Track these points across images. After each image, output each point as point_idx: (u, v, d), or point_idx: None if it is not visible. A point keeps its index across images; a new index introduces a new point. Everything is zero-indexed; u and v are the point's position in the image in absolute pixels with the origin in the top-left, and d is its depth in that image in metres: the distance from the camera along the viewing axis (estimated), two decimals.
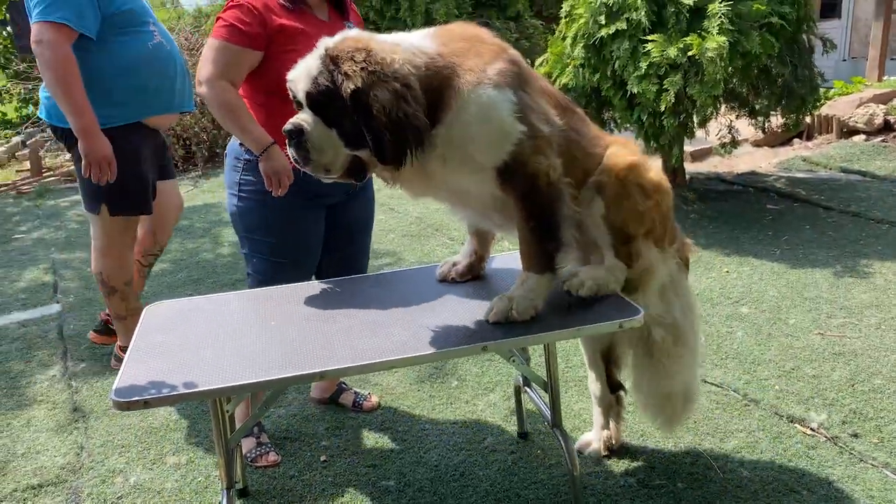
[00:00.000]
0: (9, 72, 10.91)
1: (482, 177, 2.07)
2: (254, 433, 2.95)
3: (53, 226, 6.45)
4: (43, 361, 3.91)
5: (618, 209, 2.23)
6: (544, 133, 2.06)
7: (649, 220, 2.28)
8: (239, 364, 2.04)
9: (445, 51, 2.00)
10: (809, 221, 5.28)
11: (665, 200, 2.33)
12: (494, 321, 2.14)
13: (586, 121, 2.34)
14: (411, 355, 2.08)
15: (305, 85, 1.93)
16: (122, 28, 3.20)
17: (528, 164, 2.04)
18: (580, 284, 2.23)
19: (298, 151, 1.97)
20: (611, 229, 2.25)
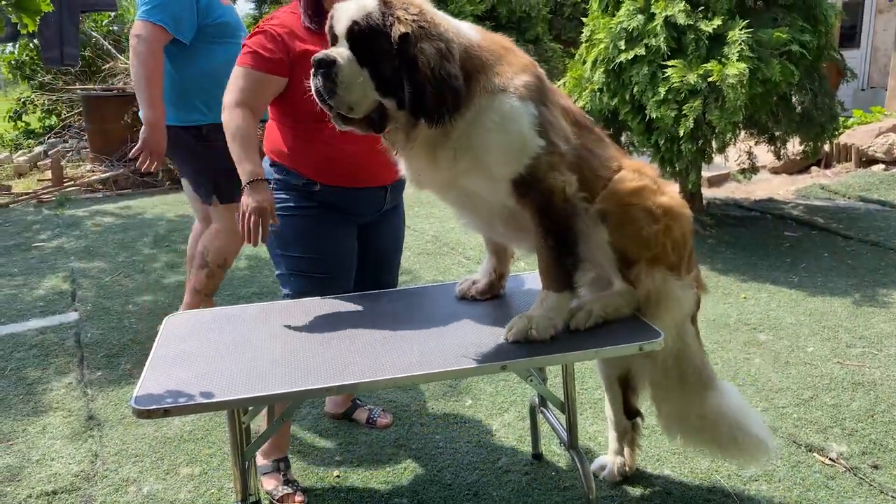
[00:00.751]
0: (33, 83, 11.08)
1: (496, 186, 2.08)
2: (280, 469, 2.81)
3: (73, 235, 6.52)
4: (59, 369, 3.94)
5: (621, 234, 2.20)
6: (561, 150, 2.08)
7: (656, 245, 2.23)
8: (257, 376, 2.04)
9: (484, 45, 2.04)
10: (828, 249, 5.25)
11: (679, 225, 2.28)
12: (514, 340, 2.13)
13: (603, 141, 2.33)
14: (428, 372, 2.08)
15: (353, 15, 1.91)
16: (214, 38, 3.45)
17: (545, 179, 2.05)
18: (587, 317, 2.20)
19: (326, 83, 1.92)
20: (616, 253, 2.23)
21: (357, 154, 2.60)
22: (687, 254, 2.36)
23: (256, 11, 11.13)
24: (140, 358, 3.97)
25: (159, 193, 8.11)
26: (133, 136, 8.71)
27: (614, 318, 2.24)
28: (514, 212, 2.18)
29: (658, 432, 3.07)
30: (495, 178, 2.06)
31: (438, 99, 1.89)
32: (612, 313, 2.24)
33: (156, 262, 5.68)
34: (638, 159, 2.55)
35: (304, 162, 2.65)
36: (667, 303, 2.30)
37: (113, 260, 5.75)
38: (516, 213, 2.17)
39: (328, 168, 2.64)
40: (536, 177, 2.03)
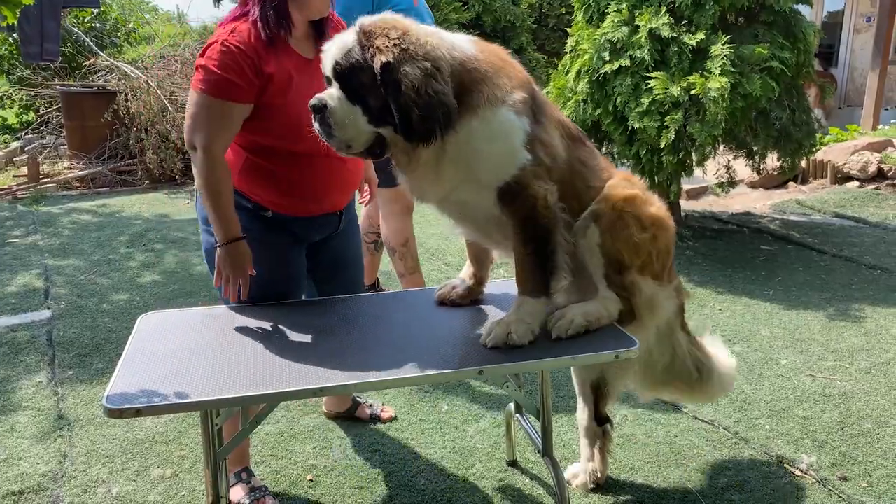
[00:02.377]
0: (12, 78, 10.93)
1: (483, 194, 2.13)
2: (242, 479, 2.73)
3: (48, 232, 6.42)
4: (30, 367, 3.87)
5: (613, 238, 2.25)
6: (546, 163, 2.14)
7: (645, 253, 2.30)
8: (232, 377, 2.03)
9: (482, 58, 2.07)
10: (802, 264, 5.32)
11: (664, 236, 2.35)
12: (493, 346, 2.14)
13: (594, 154, 2.39)
14: (406, 376, 2.08)
15: (335, 55, 1.96)
16: None
17: (528, 187, 2.10)
18: (568, 325, 2.22)
19: (322, 126, 2.01)
20: (605, 257, 2.27)
21: (313, 184, 2.47)
22: (669, 264, 2.42)
23: None
24: (113, 357, 3.92)
25: (137, 192, 8.02)
26: (112, 133, 8.64)
27: (595, 328, 2.26)
28: (497, 219, 2.21)
29: (631, 441, 3.09)
30: (483, 185, 2.10)
31: (426, 119, 1.92)
32: (594, 322, 2.26)
33: (132, 261, 5.62)
34: (623, 170, 2.59)
35: (255, 190, 2.47)
36: (651, 310, 2.34)
37: (88, 258, 5.68)
38: (500, 220, 2.20)
39: (280, 200, 2.48)
40: (521, 184, 2.09)
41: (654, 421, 3.26)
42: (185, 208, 7.33)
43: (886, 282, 4.95)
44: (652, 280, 2.33)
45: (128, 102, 8.41)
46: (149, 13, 17.17)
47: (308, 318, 2.44)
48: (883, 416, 3.25)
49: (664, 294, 2.39)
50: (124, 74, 8.86)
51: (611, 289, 2.29)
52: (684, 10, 5.09)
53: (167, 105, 8.27)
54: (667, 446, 3.05)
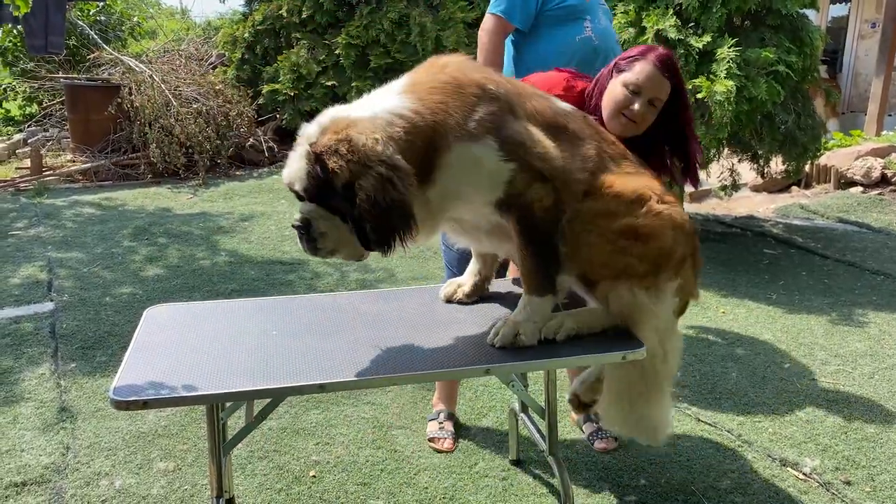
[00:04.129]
0: (15, 70, 10.92)
1: (480, 211, 2.13)
2: (439, 418, 3.20)
3: (51, 224, 6.42)
4: (33, 359, 3.87)
5: (574, 250, 2.16)
6: (534, 164, 2.08)
7: (620, 263, 2.17)
8: (238, 371, 2.03)
9: (422, 108, 1.99)
10: (806, 268, 5.32)
11: (660, 239, 2.18)
12: (500, 346, 2.14)
13: (580, 139, 2.22)
14: (411, 373, 2.07)
15: (301, 185, 1.95)
16: (557, 22, 3.36)
17: (523, 194, 2.08)
18: (557, 327, 2.18)
19: (308, 243, 2.01)
20: (573, 268, 2.19)
21: None
22: (671, 264, 2.25)
23: (246, 9, 11.05)
24: (116, 350, 3.92)
25: (140, 186, 8.02)
26: (116, 127, 8.64)
27: (587, 333, 2.21)
28: (497, 224, 2.20)
29: (634, 442, 3.09)
30: (479, 205, 2.11)
31: (383, 229, 1.91)
32: (585, 328, 2.21)
33: (135, 254, 5.61)
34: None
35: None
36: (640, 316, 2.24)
37: (91, 251, 5.67)
38: (500, 225, 2.19)
39: None
40: (515, 193, 2.07)
41: None
42: (187, 203, 7.34)
43: (889, 287, 4.95)
44: (637, 287, 2.20)
45: (132, 96, 8.41)
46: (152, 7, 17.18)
47: (316, 313, 2.44)
48: (886, 420, 3.26)
49: (655, 299, 2.24)
50: (128, 68, 8.86)
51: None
52: (691, 13, 5.09)
53: (171, 99, 8.27)
54: (670, 448, 3.05)
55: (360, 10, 9.22)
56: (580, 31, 3.39)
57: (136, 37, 12.36)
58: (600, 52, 3.52)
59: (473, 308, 2.51)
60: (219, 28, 11.92)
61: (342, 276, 5.20)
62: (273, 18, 9.85)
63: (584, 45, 3.41)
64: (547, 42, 3.42)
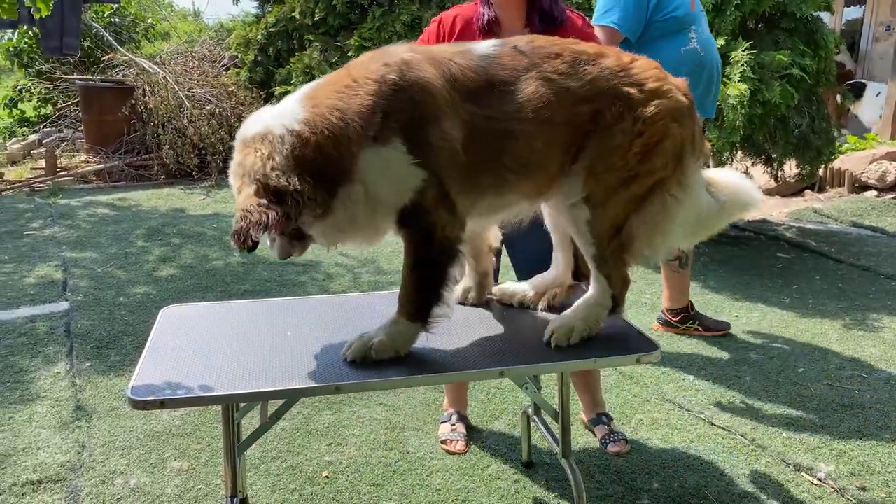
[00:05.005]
0: (31, 71, 11.02)
1: (385, 211, 1.97)
2: (451, 420, 3.19)
3: (65, 224, 6.47)
4: (48, 358, 3.90)
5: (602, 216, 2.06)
6: (446, 179, 1.94)
7: (647, 184, 2.06)
8: (254, 371, 2.04)
9: (314, 116, 1.87)
10: (819, 273, 5.29)
11: (667, 139, 2.03)
12: (351, 360, 2.05)
13: (514, 83, 1.97)
14: (426, 375, 2.09)
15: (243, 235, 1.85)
16: (663, 33, 3.37)
17: (428, 214, 1.95)
18: (567, 334, 2.15)
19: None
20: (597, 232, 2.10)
21: None
22: (688, 151, 2.10)
23: (259, 11, 11.10)
24: (130, 350, 3.95)
25: (153, 187, 8.07)
26: (129, 128, 8.70)
27: (597, 329, 2.21)
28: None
29: (647, 446, 3.08)
30: (388, 206, 1.96)
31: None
32: (594, 326, 2.20)
33: (149, 255, 5.65)
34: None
35: None
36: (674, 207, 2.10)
37: (105, 251, 5.72)
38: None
39: None
40: (420, 209, 1.94)
41: (669, 426, 3.25)
42: (200, 203, 7.38)
43: None
44: (672, 189, 2.07)
45: (145, 97, 8.47)
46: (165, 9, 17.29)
47: (331, 313, 2.45)
48: None
49: (690, 187, 2.10)
50: (142, 70, 8.92)
51: (602, 271, 2.17)
52: None
53: (184, 101, 8.33)
54: (683, 452, 3.04)
55: (372, 12, 9.25)
56: (685, 42, 3.36)
57: (149, 38, 12.45)
58: (706, 65, 3.44)
59: (488, 309, 2.51)
60: (231, 30, 11.98)
61: (354, 277, 5.21)
62: (286, 20, 9.91)
63: (689, 57, 3.38)
64: (653, 54, 3.18)
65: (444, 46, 2.18)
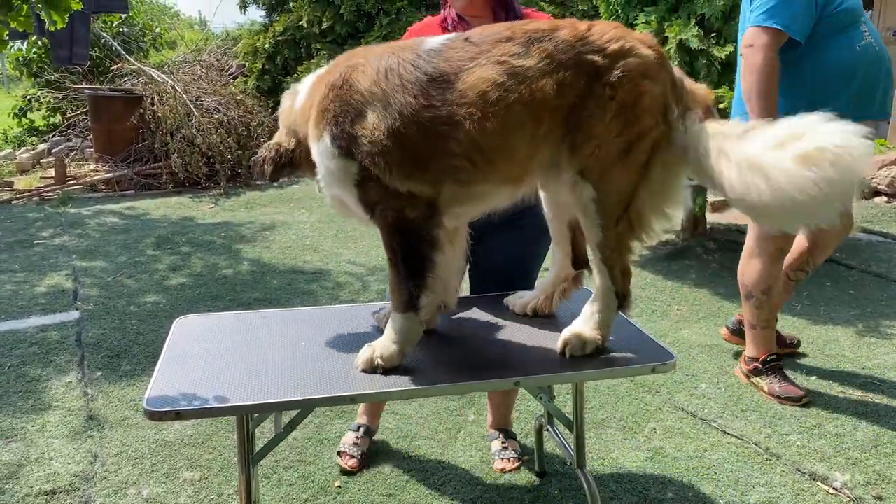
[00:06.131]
0: (40, 80, 11.08)
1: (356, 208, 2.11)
2: (357, 430, 3.09)
3: (76, 233, 6.50)
4: (60, 367, 3.91)
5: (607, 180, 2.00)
6: (382, 164, 1.96)
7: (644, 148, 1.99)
8: (269, 382, 2.04)
9: (305, 100, 2.17)
10: (830, 279, 5.26)
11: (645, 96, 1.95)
12: (363, 371, 2.09)
13: (458, 73, 1.94)
14: (441, 385, 2.08)
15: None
16: (836, 29, 3.08)
17: (381, 203, 2.03)
18: (581, 346, 2.14)
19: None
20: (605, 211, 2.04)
21: None
22: (670, 100, 2.00)
23: (267, 20, 11.15)
24: (141, 359, 3.95)
25: (162, 195, 8.10)
26: (138, 137, 8.73)
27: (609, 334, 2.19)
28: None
29: (660, 455, 3.07)
30: (350, 201, 2.09)
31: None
32: (606, 331, 2.18)
33: (159, 263, 5.67)
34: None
35: None
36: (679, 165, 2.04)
37: (115, 260, 5.73)
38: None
39: None
40: (373, 201, 2.04)
41: (682, 435, 3.23)
42: (209, 212, 7.40)
43: None
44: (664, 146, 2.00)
45: (154, 106, 8.51)
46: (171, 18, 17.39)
47: (344, 322, 2.45)
48: None
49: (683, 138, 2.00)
50: (151, 79, 8.96)
51: (605, 264, 2.11)
52: (714, 23, 5.07)
53: (192, 110, 8.35)
54: (697, 461, 3.03)
55: (379, 20, 9.29)
56: (859, 37, 3.10)
57: (157, 47, 12.51)
58: (883, 59, 3.16)
59: (504, 317, 2.50)
60: (237, 38, 12.03)
61: (363, 285, 5.21)
62: (293, 29, 9.95)
63: (866, 53, 3.11)
64: (827, 53, 3.08)
65: (397, 42, 2.21)
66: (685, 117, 2.02)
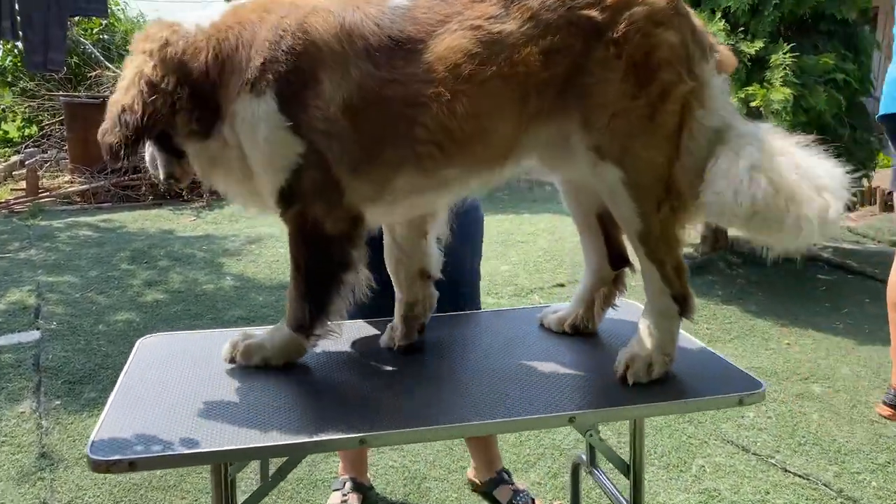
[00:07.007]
0: (15, 89, 10.58)
1: (269, 195, 1.67)
2: (343, 487, 2.55)
3: (43, 247, 5.99)
4: (12, 395, 3.40)
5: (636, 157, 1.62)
6: (333, 147, 1.58)
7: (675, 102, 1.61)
8: (251, 419, 1.57)
9: (220, 27, 1.62)
10: (868, 295, 4.85)
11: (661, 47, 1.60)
12: (227, 358, 1.79)
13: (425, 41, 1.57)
14: (475, 423, 1.61)
15: None
16: None
17: (300, 202, 1.64)
18: (645, 370, 1.69)
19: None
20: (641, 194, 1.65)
21: None
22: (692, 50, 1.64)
23: None
24: (107, 386, 3.45)
25: (141, 208, 7.60)
26: None
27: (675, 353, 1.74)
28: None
29: (715, 498, 2.60)
30: (266, 187, 1.66)
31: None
32: (672, 349, 1.73)
33: (134, 278, 5.16)
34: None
35: None
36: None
37: (85, 275, 5.22)
38: None
39: None
40: (297, 193, 1.63)
41: (737, 473, 2.78)
42: (190, 224, 6.91)
43: None
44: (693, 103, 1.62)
45: None
46: None
47: (347, 342, 1.97)
48: None
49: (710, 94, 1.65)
50: None
51: (653, 260, 1.70)
52: (740, 17, 4.69)
53: None
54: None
55: None
56: None
57: None
58: None
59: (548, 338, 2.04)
60: None
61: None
62: None
63: None
64: None
65: None
66: (711, 68, 1.65)
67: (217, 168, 1.70)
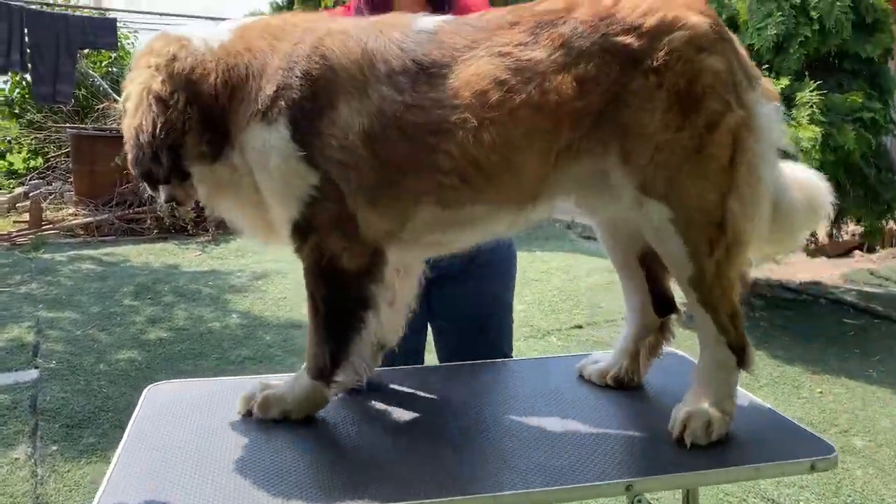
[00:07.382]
0: (22, 121, 10.53)
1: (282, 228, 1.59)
2: None
3: (45, 280, 5.83)
4: (7, 439, 3.23)
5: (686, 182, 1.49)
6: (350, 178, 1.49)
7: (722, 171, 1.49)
8: (276, 484, 1.40)
9: (230, 48, 1.55)
10: None
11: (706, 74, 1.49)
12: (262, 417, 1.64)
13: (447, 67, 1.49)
14: (530, 490, 1.43)
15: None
16: None
17: (316, 236, 1.55)
18: (704, 430, 1.53)
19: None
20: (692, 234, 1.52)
21: None
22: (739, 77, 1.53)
23: None
24: (108, 430, 3.29)
25: (146, 241, 7.46)
26: (123, 179, 8.14)
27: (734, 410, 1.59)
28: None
29: None
30: (279, 219, 1.59)
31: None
32: (732, 407, 1.58)
33: (137, 315, 5.00)
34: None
35: None
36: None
37: (87, 311, 5.06)
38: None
39: None
40: (312, 226, 1.54)
41: None
42: (196, 259, 6.77)
43: None
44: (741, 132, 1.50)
45: None
46: None
47: (374, 394, 1.80)
48: None
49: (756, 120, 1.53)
50: None
51: (706, 306, 1.56)
52: (764, 55, 4.60)
53: None
54: None
55: None
56: None
57: None
58: None
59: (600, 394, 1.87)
60: None
61: None
62: None
63: None
64: None
65: (385, 16, 1.66)
66: (757, 97, 1.54)
67: (224, 193, 1.63)
